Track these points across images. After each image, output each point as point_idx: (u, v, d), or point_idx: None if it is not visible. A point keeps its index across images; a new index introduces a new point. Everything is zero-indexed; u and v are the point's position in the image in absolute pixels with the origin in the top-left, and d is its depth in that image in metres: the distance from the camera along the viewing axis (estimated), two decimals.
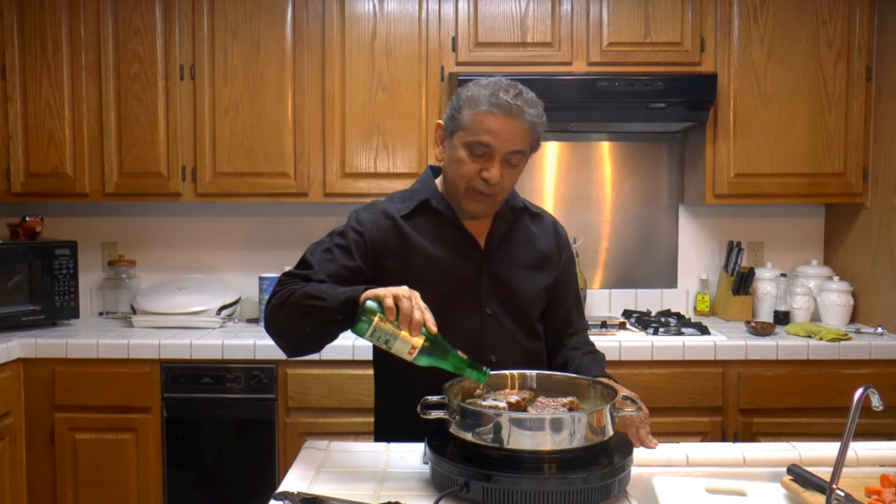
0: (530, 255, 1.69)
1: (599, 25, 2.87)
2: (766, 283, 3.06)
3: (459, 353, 1.31)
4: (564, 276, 1.75)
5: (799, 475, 1.30)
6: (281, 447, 2.65)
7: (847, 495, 1.17)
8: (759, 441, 2.55)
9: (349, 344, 2.61)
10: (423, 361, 1.28)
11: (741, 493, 1.32)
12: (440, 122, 1.63)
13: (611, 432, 1.26)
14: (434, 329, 1.28)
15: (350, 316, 1.33)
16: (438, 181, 1.68)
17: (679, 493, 1.31)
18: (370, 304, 1.28)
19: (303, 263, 1.57)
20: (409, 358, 1.27)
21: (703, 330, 2.76)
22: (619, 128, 3.17)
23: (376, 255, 1.59)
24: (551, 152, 3.24)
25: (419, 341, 1.26)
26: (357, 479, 1.35)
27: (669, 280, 3.27)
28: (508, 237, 1.68)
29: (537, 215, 1.76)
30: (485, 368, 1.33)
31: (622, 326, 2.87)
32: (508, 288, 1.64)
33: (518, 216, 1.71)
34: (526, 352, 1.65)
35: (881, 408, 1.24)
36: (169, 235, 3.26)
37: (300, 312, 1.43)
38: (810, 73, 2.88)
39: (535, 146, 1.59)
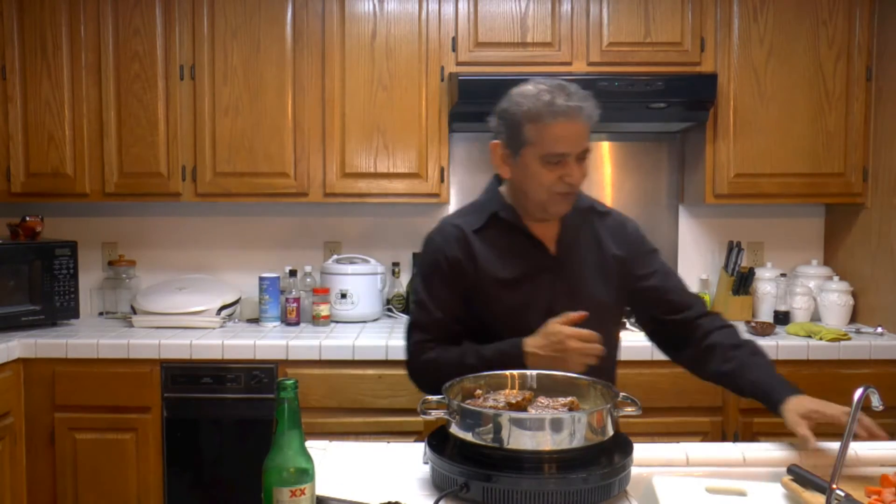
0: (600, 259, 1.69)
1: (599, 25, 2.87)
2: (766, 283, 3.06)
3: None
4: (647, 270, 1.73)
5: (799, 475, 1.30)
6: None
7: (847, 495, 1.17)
8: (759, 441, 2.55)
9: (349, 344, 2.61)
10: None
11: (741, 493, 1.32)
12: (497, 142, 1.65)
13: (611, 432, 1.26)
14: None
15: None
16: (503, 189, 1.71)
17: (679, 493, 1.31)
18: None
19: (420, 307, 1.68)
20: None
21: None
22: (619, 128, 3.17)
23: (456, 275, 1.65)
24: None
25: None
26: (357, 479, 1.35)
27: None
28: (577, 242, 1.69)
29: (605, 214, 1.76)
30: None
31: (623, 326, 2.87)
32: (580, 296, 1.64)
33: (585, 216, 1.71)
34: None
35: (881, 408, 1.24)
36: (169, 235, 3.26)
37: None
38: (810, 73, 2.88)
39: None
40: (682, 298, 1.74)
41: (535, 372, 1.47)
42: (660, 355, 2.62)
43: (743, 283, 3.05)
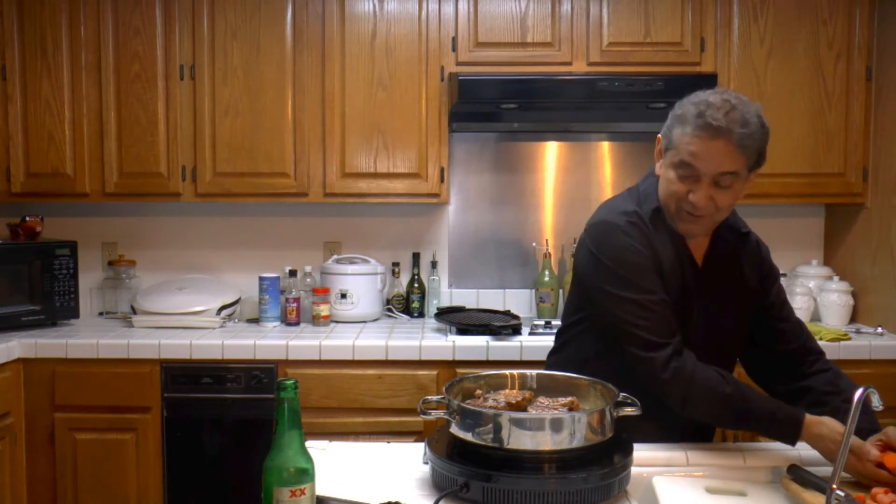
0: (739, 285, 1.60)
1: (599, 25, 2.87)
2: None
3: None
4: (767, 294, 1.63)
5: (799, 475, 1.30)
6: None
7: (847, 495, 1.17)
8: (759, 441, 2.55)
9: (349, 344, 2.61)
10: None
11: (741, 493, 1.32)
12: (660, 135, 1.56)
13: (611, 432, 1.26)
14: None
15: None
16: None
17: (679, 493, 1.31)
18: None
19: (635, 296, 1.49)
20: None
21: None
22: (619, 128, 3.17)
23: (650, 257, 1.53)
24: (551, 152, 3.24)
25: None
26: (357, 479, 1.35)
27: None
28: (724, 262, 1.60)
29: (746, 234, 1.65)
30: None
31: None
32: (715, 321, 1.57)
33: (735, 236, 1.63)
34: None
35: (881, 408, 1.24)
36: (169, 235, 3.26)
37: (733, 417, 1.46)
38: (810, 73, 2.88)
39: (755, 162, 1.48)
40: (789, 329, 1.64)
41: (534, 372, 1.47)
42: None
43: None
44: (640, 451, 1.40)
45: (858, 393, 1.15)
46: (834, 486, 1.12)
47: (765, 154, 1.49)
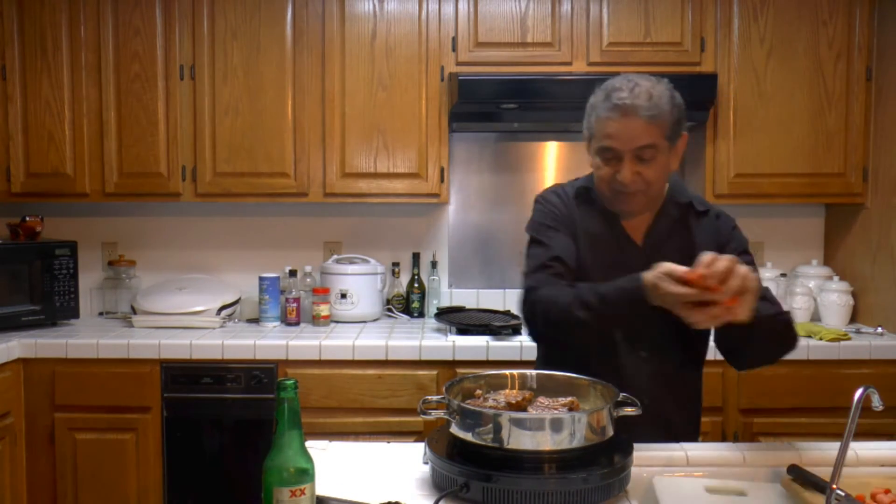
0: (692, 260, 1.53)
1: (599, 25, 2.87)
2: (766, 283, 3.02)
3: None
4: None
5: (799, 475, 1.30)
6: None
7: (847, 495, 1.17)
8: (759, 441, 2.55)
9: (349, 344, 2.61)
10: None
11: (741, 493, 1.32)
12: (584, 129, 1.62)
13: (611, 432, 1.26)
14: None
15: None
16: None
17: (679, 493, 1.31)
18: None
19: (535, 250, 1.61)
20: None
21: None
22: None
23: (567, 225, 1.62)
24: (551, 152, 3.24)
25: None
26: (357, 479, 1.35)
27: None
28: (669, 238, 1.61)
29: (703, 213, 1.65)
30: None
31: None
32: None
33: (682, 212, 1.63)
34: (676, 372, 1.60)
35: (881, 408, 1.24)
36: (169, 235, 3.26)
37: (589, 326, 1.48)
38: (810, 73, 2.88)
39: (672, 131, 1.51)
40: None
41: (534, 372, 1.47)
42: None
43: None
44: (640, 451, 1.40)
45: (858, 393, 1.15)
46: (834, 486, 1.12)
47: (683, 124, 1.55)
